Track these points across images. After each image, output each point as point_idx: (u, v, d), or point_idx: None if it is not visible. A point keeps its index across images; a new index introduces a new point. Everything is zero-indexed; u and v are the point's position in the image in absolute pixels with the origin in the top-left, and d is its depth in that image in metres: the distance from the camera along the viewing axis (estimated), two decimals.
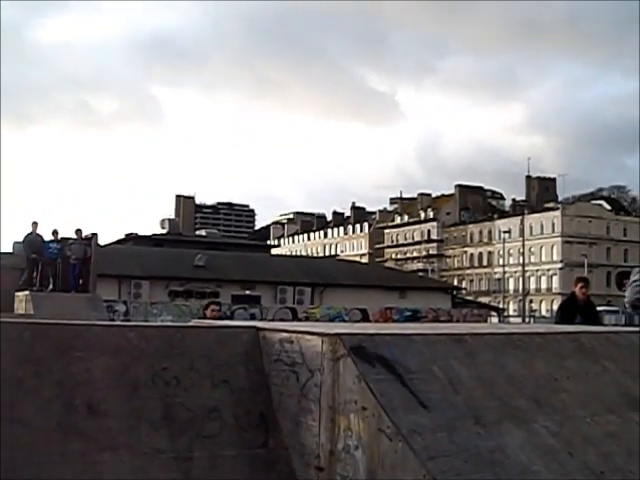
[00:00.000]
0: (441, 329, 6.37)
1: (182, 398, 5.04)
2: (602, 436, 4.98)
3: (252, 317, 42.54)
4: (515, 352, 5.50)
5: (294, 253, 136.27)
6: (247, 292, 52.64)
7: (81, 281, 26.21)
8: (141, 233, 76.23)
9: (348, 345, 4.69)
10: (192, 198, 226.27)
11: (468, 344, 5.30)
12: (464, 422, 4.53)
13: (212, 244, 67.84)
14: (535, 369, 5.40)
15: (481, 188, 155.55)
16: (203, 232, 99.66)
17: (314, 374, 4.90)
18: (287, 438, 5.12)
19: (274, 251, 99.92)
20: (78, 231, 27.02)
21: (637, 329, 7.35)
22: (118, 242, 71.34)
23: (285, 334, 5.31)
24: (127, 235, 78.17)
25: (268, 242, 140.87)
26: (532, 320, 77.45)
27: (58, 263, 26.28)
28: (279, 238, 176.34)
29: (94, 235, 27.39)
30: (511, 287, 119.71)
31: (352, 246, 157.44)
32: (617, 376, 5.84)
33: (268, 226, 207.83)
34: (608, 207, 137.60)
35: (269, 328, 5.62)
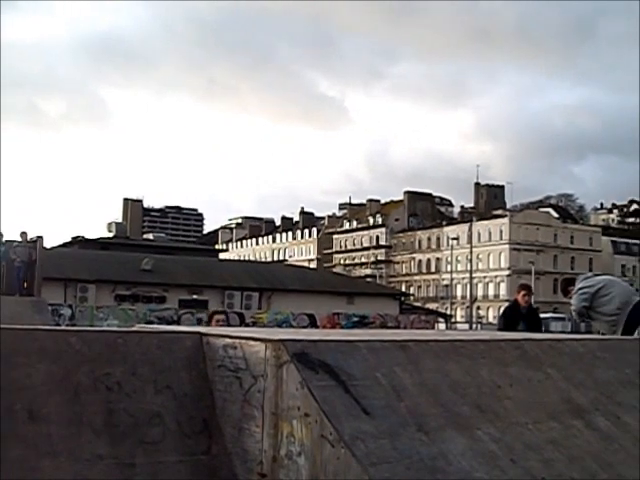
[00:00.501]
0: (385, 336, 6.38)
1: (124, 404, 4.99)
2: (544, 443, 5.01)
3: (199, 322, 42.44)
4: (459, 359, 5.52)
5: (242, 258, 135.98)
6: (194, 297, 52.55)
7: (26, 284, 25.99)
8: (88, 236, 75.75)
9: (291, 351, 4.68)
10: (140, 201, 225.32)
11: (412, 351, 5.31)
12: (407, 429, 4.54)
13: (160, 248, 67.75)
14: (478, 376, 5.42)
15: (430, 195, 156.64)
16: (151, 236, 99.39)
17: (257, 380, 4.88)
18: (230, 444, 5.09)
19: (222, 256, 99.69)
20: (23, 234, 26.81)
21: (581, 336, 7.42)
22: (64, 245, 70.96)
23: (229, 340, 5.28)
24: (74, 238, 77.76)
25: (216, 246, 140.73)
26: (479, 326, 78.13)
27: (2, 266, 26.02)
28: (227, 243, 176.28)
29: (39, 238, 27.16)
30: (459, 293, 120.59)
31: (300, 251, 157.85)
32: (560, 383, 5.89)
33: (216, 230, 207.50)
34: (555, 215, 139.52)
35: (213, 334, 5.59)
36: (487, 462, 4.57)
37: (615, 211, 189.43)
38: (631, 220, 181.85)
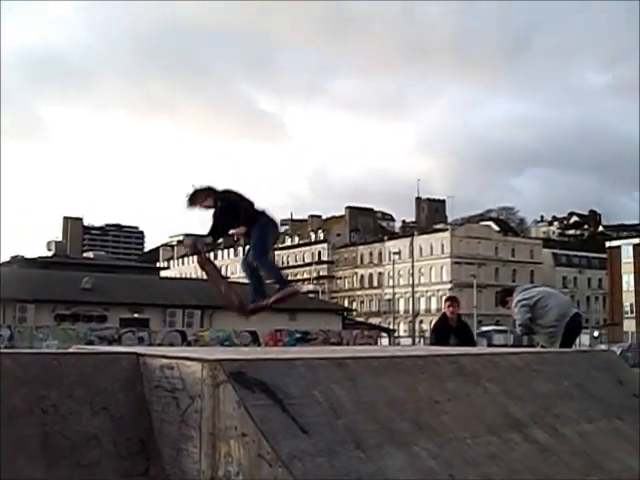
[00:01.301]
0: (323, 353, 6.37)
1: (61, 426, 4.91)
2: (482, 457, 5.03)
3: (140, 341, 42.05)
4: (396, 375, 5.52)
5: (184, 275, 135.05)
6: (135, 315, 52.05)
7: None
8: (27, 255, 74.78)
9: (228, 371, 4.65)
10: (80, 219, 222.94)
11: (349, 368, 5.31)
12: (345, 446, 4.52)
13: (100, 266, 66.98)
14: (416, 392, 5.43)
15: (371, 210, 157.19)
16: (91, 254, 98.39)
17: (194, 400, 4.84)
18: (168, 465, 5.04)
19: (163, 273, 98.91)
20: None
21: (519, 350, 7.45)
22: (2, 264, 69.90)
23: (165, 360, 5.23)
24: (12, 257, 76.71)
25: (157, 264, 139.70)
26: (422, 340, 78.22)
27: None
28: (169, 260, 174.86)
29: None
30: (401, 308, 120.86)
31: None
32: (498, 397, 5.92)
33: (157, 248, 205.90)
34: (496, 228, 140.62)
35: (150, 354, 5.53)
36: (426, 478, 4.57)
37: (555, 223, 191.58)
38: (571, 232, 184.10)
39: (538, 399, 6.22)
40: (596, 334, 78.85)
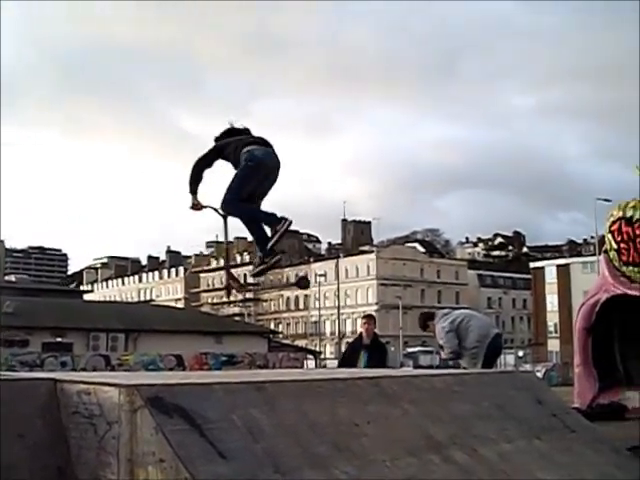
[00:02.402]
0: (242, 377, 6.35)
1: None
2: (402, 479, 5.05)
3: (63, 365, 41.49)
4: (316, 398, 5.53)
5: (108, 298, 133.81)
6: (58, 339, 51.40)
7: None
8: None
9: (145, 396, 4.61)
10: (1, 242, 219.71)
11: (269, 392, 5.29)
12: (264, 470, 4.51)
13: (22, 290, 66.12)
14: (336, 415, 5.44)
15: (297, 231, 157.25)
16: (13, 277, 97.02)
17: (112, 426, 4.78)
18: None
19: (87, 297, 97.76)
20: None
21: (439, 372, 7.49)
22: None
23: (83, 385, 5.16)
24: None
25: (81, 287, 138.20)
26: None
27: None
28: (92, 283, 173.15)
29: None
30: (328, 330, 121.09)
31: (167, 291, 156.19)
32: (417, 419, 5.96)
33: (81, 271, 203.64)
34: (422, 249, 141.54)
35: (67, 380, 5.45)
36: None
37: (480, 244, 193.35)
38: (496, 253, 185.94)
39: (458, 420, 6.27)
40: (521, 354, 79.72)
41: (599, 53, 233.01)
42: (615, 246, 12.30)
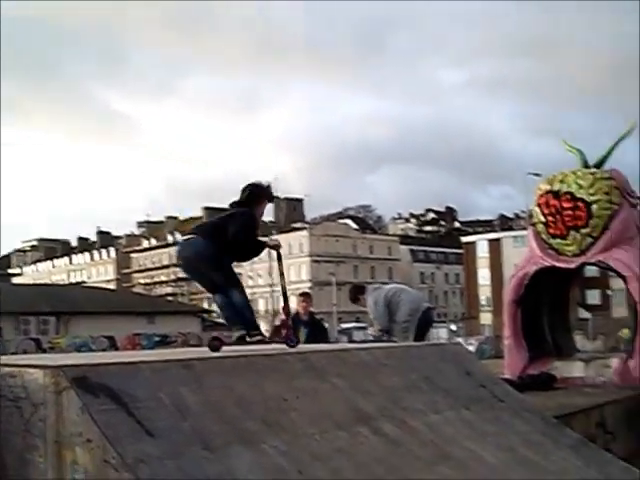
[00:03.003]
0: (171, 355, 6.31)
1: None
2: (331, 452, 5.07)
3: None
4: (244, 374, 5.53)
5: (38, 281, 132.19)
6: None
7: None
8: None
9: (70, 377, 4.55)
10: None
11: (196, 369, 5.28)
12: (192, 448, 4.49)
13: None
14: (265, 390, 5.44)
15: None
16: None
17: (38, 409, 4.72)
18: (14, 477, 4.91)
19: (16, 280, 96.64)
20: None
21: (367, 345, 7.53)
22: None
23: (7, 368, 5.08)
24: None
25: (9, 270, 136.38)
26: None
27: None
28: (21, 266, 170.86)
29: None
30: (261, 307, 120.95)
31: (98, 272, 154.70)
32: (346, 393, 5.99)
33: (10, 254, 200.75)
34: (354, 226, 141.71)
35: None
36: (274, 475, 4.58)
37: (413, 220, 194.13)
38: (428, 228, 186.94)
39: (386, 393, 6.31)
40: (454, 328, 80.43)
41: (530, 29, 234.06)
42: (543, 219, 12.43)
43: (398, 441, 5.60)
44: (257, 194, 8.19)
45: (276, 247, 8.47)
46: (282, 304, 8.52)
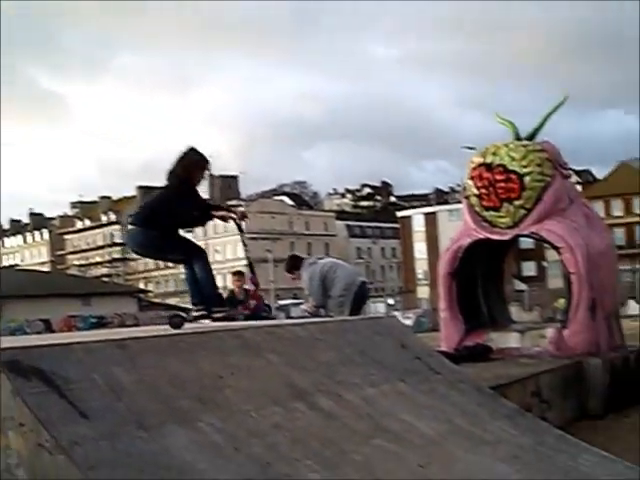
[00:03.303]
0: (103, 336, 6.26)
1: None
2: (267, 428, 5.08)
3: None
4: (179, 353, 5.51)
5: None
6: None
7: None
8: None
9: (1, 360, 4.50)
10: None
11: (130, 349, 5.24)
12: (127, 428, 4.46)
13: None
14: (199, 368, 5.43)
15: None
16: None
17: None
18: None
19: None
20: None
21: (302, 321, 7.53)
22: None
23: None
24: None
25: None
26: None
27: None
28: None
29: None
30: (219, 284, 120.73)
31: (32, 255, 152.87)
32: (281, 368, 6.00)
33: None
34: (290, 202, 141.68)
35: None
36: (211, 453, 4.58)
37: (348, 195, 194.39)
38: (364, 204, 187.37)
39: (322, 368, 6.33)
40: (391, 302, 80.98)
41: (460, 4, 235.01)
42: (476, 192, 12.51)
43: (334, 415, 5.62)
44: (190, 160, 7.92)
45: (224, 218, 8.31)
46: (250, 275, 8.34)
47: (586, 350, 11.31)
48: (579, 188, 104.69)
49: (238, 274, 13.75)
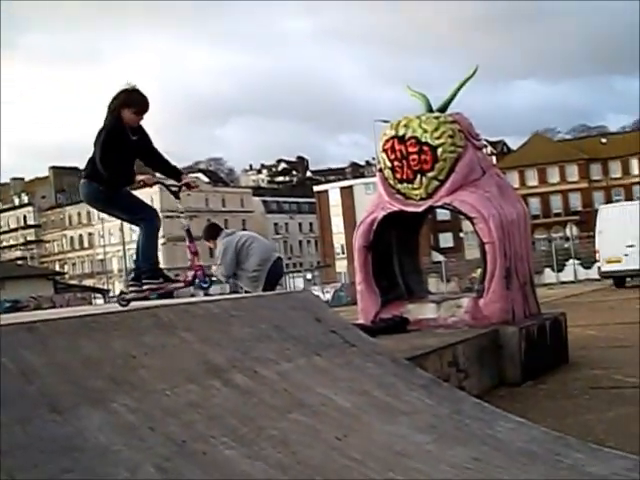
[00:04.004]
0: (12, 319, 6.17)
1: None
2: (183, 406, 5.05)
3: None
4: (90, 334, 5.44)
5: None
6: None
7: None
8: None
9: None
10: None
11: (40, 331, 5.17)
12: (39, 412, 4.40)
13: None
14: (112, 349, 5.38)
15: (77, 168, 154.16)
16: None
17: None
18: None
19: None
20: None
21: (216, 297, 7.49)
22: None
23: None
24: None
25: None
26: None
27: None
28: None
29: None
30: (115, 267, 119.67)
31: None
32: (195, 346, 5.98)
33: None
34: (206, 179, 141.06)
35: None
36: (125, 433, 4.54)
37: (264, 171, 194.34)
38: (280, 179, 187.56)
39: (237, 344, 6.32)
40: (309, 277, 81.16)
41: None
42: (389, 164, 12.53)
43: (250, 391, 5.61)
44: (121, 100, 7.39)
45: (146, 184, 7.80)
46: (187, 243, 7.96)
47: (502, 319, 11.43)
48: (494, 159, 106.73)
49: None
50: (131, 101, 7.42)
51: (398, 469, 4.99)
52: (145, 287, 7.39)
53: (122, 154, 7.34)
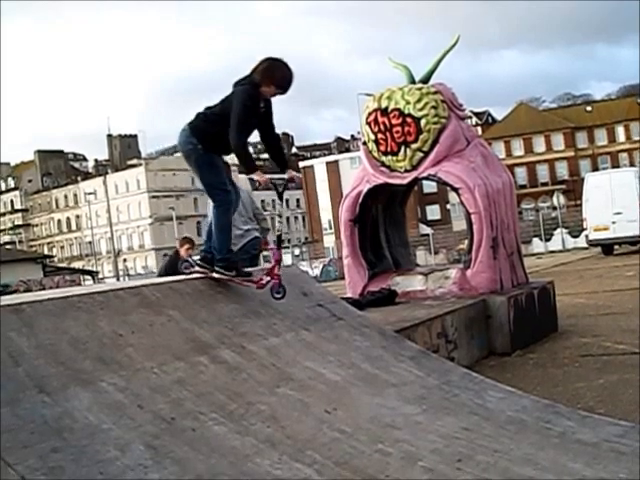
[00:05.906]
0: None
1: None
2: (171, 384, 5.07)
3: None
4: (77, 314, 5.44)
5: None
6: None
7: None
8: None
9: None
10: None
11: (26, 313, 5.17)
12: (27, 393, 4.41)
13: None
14: (98, 328, 5.38)
15: (61, 152, 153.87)
16: None
17: None
18: None
19: None
20: None
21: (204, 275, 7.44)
22: None
23: None
24: None
25: None
26: (127, 278, 77.86)
27: None
28: None
29: None
30: (103, 248, 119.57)
31: None
32: (182, 324, 5.98)
33: None
34: None
35: None
36: (115, 412, 4.55)
37: (250, 148, 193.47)
38: (265, 156, 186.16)
39: (224, 320, 6.33)
40: (297, 252, 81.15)
41: None
42: (373, 137, 12.51)
43: (238, 367, 5.63)
44: (270, 73, 7.15)
45: (260, 184, 7.88)
46: (274, 249, 7.44)
47: (490, 289, 11.45)
48: (479, 130, 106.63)
49: (190, 242, 13.56)
50: (278, 80, 7.26)
51: (388, 441, 5.01)
52: (215, 275, 7.13)
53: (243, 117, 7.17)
